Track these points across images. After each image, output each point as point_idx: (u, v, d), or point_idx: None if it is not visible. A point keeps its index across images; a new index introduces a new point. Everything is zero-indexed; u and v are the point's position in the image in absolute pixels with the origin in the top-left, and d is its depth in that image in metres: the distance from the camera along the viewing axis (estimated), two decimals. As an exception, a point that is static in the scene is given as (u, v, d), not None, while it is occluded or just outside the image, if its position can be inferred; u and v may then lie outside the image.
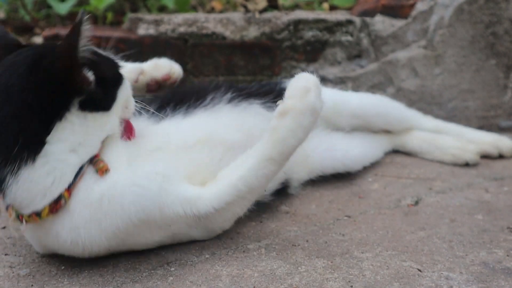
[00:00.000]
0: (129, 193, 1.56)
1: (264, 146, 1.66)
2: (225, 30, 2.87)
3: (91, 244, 1.58)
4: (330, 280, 1.59)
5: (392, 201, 2.11)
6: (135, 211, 1.57)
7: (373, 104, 2.44)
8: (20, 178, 1.47)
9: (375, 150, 2.46)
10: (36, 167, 1.48)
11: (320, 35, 2.82)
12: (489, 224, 1.91)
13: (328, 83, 2.84)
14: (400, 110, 2.54)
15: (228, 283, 1.59)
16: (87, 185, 1.54)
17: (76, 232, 1.56)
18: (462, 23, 2.71)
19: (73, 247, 1.59)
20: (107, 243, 1.60)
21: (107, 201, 1.54)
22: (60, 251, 1.65)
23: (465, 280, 1.58)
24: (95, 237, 1.57)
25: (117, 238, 1.61)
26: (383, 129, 2.51)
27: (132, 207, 1.56)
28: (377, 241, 1.81)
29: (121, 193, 1.55)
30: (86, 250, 1.60)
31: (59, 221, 1.56)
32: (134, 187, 1.57)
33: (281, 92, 1.73)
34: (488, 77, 2.76)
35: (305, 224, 1.94)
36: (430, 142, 2.52)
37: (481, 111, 2.80)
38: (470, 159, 2.43)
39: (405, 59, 2.77)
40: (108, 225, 1.56)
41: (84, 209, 1.54)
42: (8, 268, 1.71)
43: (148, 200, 1.58)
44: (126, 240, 1.64)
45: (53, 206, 1.52)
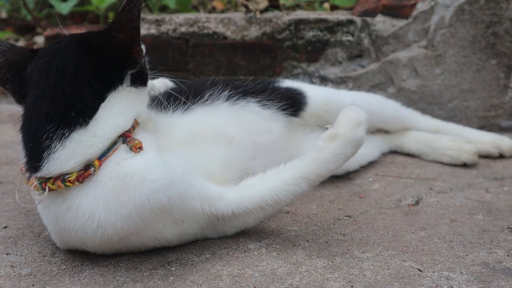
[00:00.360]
0: (154, 174, 1.58)
1: (304, 163, 1.73)
2: (226, 30, 2.87)
3: (105, 221, 1.57)
4: (330, 280, 1.59)
5: (393, 201, 2.11)
6: (156, 190, 1.57)
7: (366, 102, 2.44)
8: (70, 141, 1.55)
9: (371, 149, 2.46)
10: (88, 129, 1.56)
11: (321, 35, 2.82)
12: (489, 224, 1.91)
13: (329, 83, 2.84)
14: (395, 108, 2.54)
15: (228, 283, 1.59)
16: (119, 159, 1.59)
17: (96, 204, 1.56)
18: (462, 23, 2.71)
19: (89, 222, 1.57)
20: (120, 225, 1.58)
21: (131, 176, 1.57)
22: (74, 231, 1.61)
23: (465, 280, 1.58)
24: (111, 211, 1.56)
25: (130, 222, 1.58)
26: (378, 128, 2.52)
27: (154, 186, 1.57)
28: (377, 241, 1.81)
29: (147, 171, 1.58)
30: (99, 231, 1.58)
31: (83, 191, 1.57)
32: (160, 170, 1.59)
33: (274, 90, 1.93)
34: (489, 77, 2.76)
35: (306, 224, 1.94)
36: (426, 143, 2.52)
37: (482, 111, 2.80)
38: (467, 159, 2.43)
39: (405, 59, 2.77)
40: (126, 199, 1.56)
41: (109, 181, 1.57)
42: (9, 267, 1.71)
43: (170, 185, 1.60)
44: (138, 229, 1.62)
45: (82, 173, 1.56)
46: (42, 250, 1.80)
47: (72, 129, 1.54)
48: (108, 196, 1.56)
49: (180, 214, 1.67)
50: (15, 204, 2.12)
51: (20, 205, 1.88)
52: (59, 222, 1.63)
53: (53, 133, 1.54)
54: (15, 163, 2.52)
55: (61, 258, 1.75)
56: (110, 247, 1.68)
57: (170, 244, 1.75)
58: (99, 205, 1.56)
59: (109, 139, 1.59)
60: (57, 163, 1.55)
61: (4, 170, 2.46)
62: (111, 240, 1.63)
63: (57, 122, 1.54)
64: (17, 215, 2.03)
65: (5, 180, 2.36)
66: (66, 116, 1.54)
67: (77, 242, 1.65)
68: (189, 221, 1.71)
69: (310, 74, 2.86)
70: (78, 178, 1.56)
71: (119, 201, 1.56)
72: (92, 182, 1.57)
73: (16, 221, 2.00)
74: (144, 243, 1.70)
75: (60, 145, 1.54)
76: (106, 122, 1.59)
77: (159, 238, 1.70)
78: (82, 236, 1.61)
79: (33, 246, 1.83)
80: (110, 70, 1.61)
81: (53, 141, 1.54)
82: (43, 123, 1.55)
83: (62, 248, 1.78)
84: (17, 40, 3.66)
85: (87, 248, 1.69)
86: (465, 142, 2.48)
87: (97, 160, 1.57)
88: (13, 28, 3.81)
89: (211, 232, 1.81)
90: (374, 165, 2.46)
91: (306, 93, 2.24)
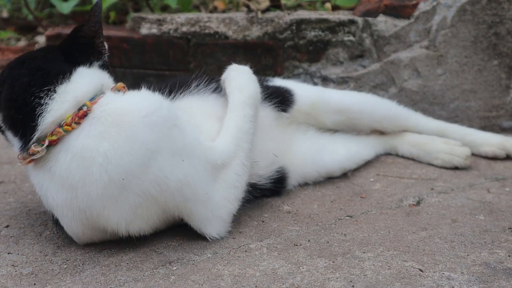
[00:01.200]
0: (150, 99, 1.77)
1: (233, 98, 2.00)
2: (227, 30, 2.87)
3: (109, 150, 1.62)
4: (331, 280, 1.59)
5: (394, 201, 2.11)
6: (154, 111, 1.70)
7: (357, 100, 2.45)
8: (56, 93, 1.70)
9: (365, 148, 2.46)
10: (71, 82, 1.73)
11: (322, 35, 2.82)
12: (490, 225, 1.91)
13: (330, 83, 2.84)
14: (389, 108, 2.53)
15: (230, 283, 1.59)
16: (109, 98, 1.74)
17: (100, 138, 1.64)
18: (464, 23, 2.71)
19: (95, 157, 1.63)
20: (126, 154, 1.63)
21: (129, 104, 1.73)
22: (81, 178, 1.64)
23: (466, 281, 1.58)
24: (117, 141, 1.63)
25: (134, 145, 1.64)
26: (372, 128, 2.51)
27: (152, 107, 1.71)
28: (378, 241, 1.81)
29: (143, 98, 1.77)
30: (104, 164, 1.62)
31: (85, 130, 1.67)
32: (154, 96, 1.79)
33: (263, 87, 2.13)
34: (490, 77, 2.76)
35: (307, 224, 1.94)
36: (419, 146, 2.50)
37: (483, 112, 2.80)
38: (458, 163, 2.42)
39: (407, 59, 2.77)
40: (128, 124, 1.66)
41: (108, 116, 1.68)
42: (11, 266, 1.71)
43: (166, 109, 1.74)
44: (141, 159, 1.65)
45: (76, 113, 1.67)
46: (43, 250, 1.81)
47: (55, 85, 1.70)
48: (110, 128, 1.65)
49: (176, 143, 1.72)
50: (17, 203, 2.13)
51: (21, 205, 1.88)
52: (65, 183, 1.66)
53: (39, 92, 1.68)
54: (16, 163, 2.52)
55: (63, 257, 1.76)
56: (113, 200, 1.66)
57: (170, 204, 1.74)
58: (104, 137, 1.64)
59: (93, 86, 1.75)
60: (51, 114, 1.67)
61: (5, 170, 2.46)
62: (113, 183, 1.63)
63: (41, 84, 1.70)
64: (18, 215, 2.04)
65: (6, 179, 2.36)
66: (47, 78, 1.71)
67: (83, 200, 1.66)
68: (187, 161, 1.73)
69: (311, 74, 2.86)
70: (73, 118, 1.66)
71: (120, 129, 1.65)
72: (90, 120, 1.68)
73: (17, 220, 2.00)
74: (145, 193, 1.67)
75: (49, 98, 1.68)
76: (87, 76, 1.77)
77: (160, 183, 1.68)
78: (87, 182, 1.64)
79: (34, 245, 1.83)
80: (79, 52, 1.80)
81: (41, 99, 1.68)
82: (27, 91, 1.69)
83: (74, 236, 1.78)
84: (19, 40, 3.67)
85: (90, 213, 1.67)
86: (459, 145, 2.47)
87: (88, 101, 1.70)
88: (15, 28, 3.81)
89: (210, 198, 1.80)
90: (375, 165, 2.46)
91: (293, 91, 2.29)
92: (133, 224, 1.72)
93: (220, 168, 1.84)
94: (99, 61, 1.84)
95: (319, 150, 2.29)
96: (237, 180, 1.87)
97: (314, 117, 2.33)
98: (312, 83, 2.85)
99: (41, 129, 1.66)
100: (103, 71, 1.85)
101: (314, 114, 2.32)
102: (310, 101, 2.31)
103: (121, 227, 1.71)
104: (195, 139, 1.80)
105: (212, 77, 2.15)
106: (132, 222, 1.72)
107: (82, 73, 1.76)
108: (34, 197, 2.15)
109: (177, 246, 1.79)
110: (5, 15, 3.90)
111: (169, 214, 1.78)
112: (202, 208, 1.78)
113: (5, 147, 2.72)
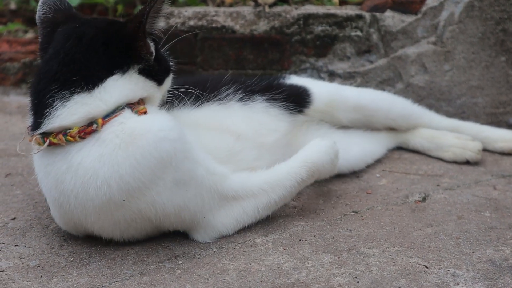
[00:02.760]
0: (162, 124, 1.66)
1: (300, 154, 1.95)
2: (235, 24, 2.87)
3: (111, 176, 1.58)
4: (337, 276, 1.60)
5: (400, 197, 2.11)
6: (163, 138, 1.63)
7: (374, 98, 2.44)
8: (71, 102, 1.61)
9: (377, 147, 2.45)
10: (92, 94, 1.63)
11: (329, 30, 2.82)
12: (496, 222, 1.91)
13: (337, 78, 2.84)
14: (404, 106, 2.53)
15: (235, 277, 1.60)
16: (123, 118, 1.65)
17: (101, 161, 1.59)
18: (472, 19, 2.71)
19: (92, 180, 1.59)
20: (127, 178, 1.59)
21: (139, 128, 1.63)
22: (74, 193, 1.62)
23: (471, 277, 1.58)
24: (119, 165, 1.58)
25: (137, 172, 1.60)
26: (387, 125, 2.50)
27: (161, 134, 1.63)
28: (384, 237, 1.81)
29: (154, 123, 1.66)
30: (103, 188, 1.59)
31: (85, 148, 1.60)
32: (167, 122, 1.68)
33: (280, 87, 2.11)
34: (498, 74, 2.75)
35: (313, 219, 1.94)
36: (431, 140, 2.50)
37: (490, 108, 2.79)
38: (471, 157, 2.42)
39: (414, 55, 2.77)
40: (134, 149, 1.59)
41: (116, 138, 1.61)
42: (17, 259, 1.72)
43: (176, 137, 1.66)
44: (141, 184, 1.61)
45: (84, 128, 1.60)
46: (50, 242, 1.82)
47: (73, 91, 1.61)
48: (115, 151, 1.60)
49: (184, 175, 1.68)
50: (24, 195, 2.14)
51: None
52: (58, 186, 1.64)
53: (56, 93, 1.62)
54: (23, 155, 2.52)
55: (69, 250, 1.77)
56: (109, 214, 1.64)
57: (165, 223, 1.73)
58: (105, 162, 1.59)
59: (114, 103, 1.65)
60: (58, 120, 1.61)
61: (13, 162, 2.47)
62: (112, 202, 1.61)
63: (61, 84, 1.62)
64: (25, 207, 2.05)
65: (14, 171, 2.37)
66: (69, 79, 1.62)
67: (76, 208, 1.64)
68: (192, 191, 1.70)
69: (318, 69, 2.86)
70: (80, 132, 1.60)
71: (127, 153, 1.60)
72: (95, 139, 1.61)
73: (24, 212, 2.01)
74: (141, 212, 1.66)
75: (61, 104, 1.61)
76: (113, 91, 1.65)
77: (156, 206, 1.66)
78: (83, 197, 1.61)
79: (41, 238, 1.84)
80: (120, 54, 1.68)
81: (55, 100, 1.61)
82: (49, 82, 1.63)
83: (60, 225, 1.80)
84: (26, 32, 3.67)
85: (84, 220, 1.67)
86: (470, 140, 2.47)
87: (100, 119, 1.62)
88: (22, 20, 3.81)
89: (208, 220, 1.79)
90: (381, 161, 2.46)
91: (310, 90, 2.26)
92: (127, 233, 1.74)
93: (230, 199, 1.81)
94: (140, 65, 1.70)
95: None
96: (242, 218, 1.84)
97: (330, 115, 2.30)
98: (318, 78, 2.84)
99: (45, 128, 1.62)
100: (142, 77, 1.71)
101: (331, 112, 2.29)
102: (327, 99, 2.28)
103: (115, 234, 1.74)
104: (206, 170, 1.75)
105: (239, 80, 2.13)
106: (126, 232, 1.73)
107: (110, 85, 1.65)
108: (41, 190, 2.16)
109: (183, 240, 1.80)
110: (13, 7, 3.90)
111: (164, 228, 1.79)
112: (197, 226, 1.79)
113: (13, 139, 2.73)
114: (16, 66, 3.32)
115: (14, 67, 3.33)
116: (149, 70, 1.73)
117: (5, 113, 3.14)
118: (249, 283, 1.57)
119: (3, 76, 3.35)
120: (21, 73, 3.32)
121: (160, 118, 1.69)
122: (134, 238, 1.78)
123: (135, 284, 1.58)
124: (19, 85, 3.33)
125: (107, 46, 1.66)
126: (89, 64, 1.64)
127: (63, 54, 1.65)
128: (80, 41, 1.66)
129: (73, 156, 1.61)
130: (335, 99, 2.31)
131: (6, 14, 3.88)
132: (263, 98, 2.12)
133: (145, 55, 1.71)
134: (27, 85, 3.31)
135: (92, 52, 1.65)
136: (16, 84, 3.33)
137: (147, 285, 1.58)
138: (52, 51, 1.68)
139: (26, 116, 1.76)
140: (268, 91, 2.14)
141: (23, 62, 3.31)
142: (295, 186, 1.88)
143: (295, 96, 2.20)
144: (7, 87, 3.35)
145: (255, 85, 2.15)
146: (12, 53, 3.37)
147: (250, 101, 2.08)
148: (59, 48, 1.66)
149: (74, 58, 1.64)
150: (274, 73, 2.86)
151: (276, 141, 2.09)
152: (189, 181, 1.69)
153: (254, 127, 2.05)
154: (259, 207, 1.84)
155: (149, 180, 1.62)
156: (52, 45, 1.70)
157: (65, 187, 1.62)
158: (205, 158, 1.77)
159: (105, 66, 1.66)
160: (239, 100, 2.06)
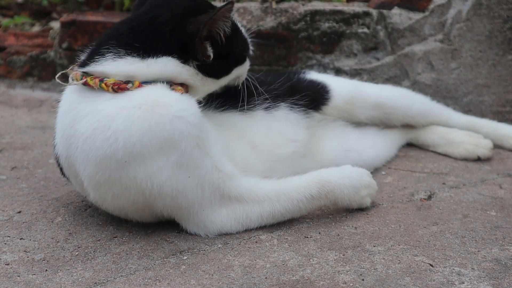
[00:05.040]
0: (186, 106, 1.70)
1: (320, 171, 1.90)
2: (241, 20, 2.87)
3: (122, 131, 1.62)
4: (341, 273, 1.60)
5: (405, 195, 2.11)
6: (181, 118, 1.66)
7: (393, 96, 2.41)
8: (122, 59, 1.72)
9: (389, 149, 2.42)
10: (144, 61, 1.73)
11: (336, 27, 2.81)
12: (502, 221, 1.91)
13: (344, 75, 2.83)
14: (423, 103, 2.51)
15: (240, 273, 1.60)
16: (157, 88, 1.71)
17: (120, 112, 1.64)
18: (480, 17, 2.70)
19: (104, 129, 1.63)
20: (135, 139, 1.62)
21: (165, 99, 1.68)
22: (83, 137, 1.66)
23: (476, 276, 1.58)
24: (133, 122, 1.62)
25: (146, 139, 1.62)
26: (405, 123, 2.47)
27: (180, 114, 1.67)
28: (389, 235, 1.81)
29: (180, 101, 1.70)
30: (110, 140, 1.62)
31: (112, 100, 1.67)
32: (193, 107, 1.72)
33: (300, 86, 2.13)
34: (505, 72, 2.74)
35: (318, 216, 1.94)
36: (442, 135, 2.49)
37: (497, 106, 2.78)
38: (483, 154, 2.41)
39: (421, 52, 2.76)
40: (151, 115, 1.63)
41: (141, 98, 1.67)
42: (23, 252, 1.73)
43: (194, 123, 1.68)
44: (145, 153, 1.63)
45: (120, 83, 1.69)
46: (55, 236, 1.82)
47: (129, 53, 1.72)
48: (135, 109, 1.64)
49: (189, 161, 1.68)
50: (29, 189, 2.14)
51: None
52: (74, 125, 1.69)
53: (112, 47, 1.73)
54: (29, 148, 2.53)
55: (74, 244, 1.77)
56: (106, 172, 1.66)
57: (159, 203, 1.72)
58: (122, 114, 1.64)
59: (157, 74, 1.73)
60: (102, 67, 1.72)
61: (18, 155, 2.47)
62: (114, 159, 1.64)
63: (121, 43, 1.74)
64: (31, 200, 2.05)
65: (19, 165, 2.37)
66: (131, 44, 1.73)
67: (80, 154, 1.68)
68: (194, 180, 1.70)
69: (324, 66, 2.86)
70: (115, 85, 1.68)
71: (145, 115, 1.64)
72: (123, 95, 1.68)
73: (30, 206, 2.01)
74: (136, 181, 1.66)
75: (111, 57, 1.72)
76: (162, 66, 1.73)
77: (154, 181, 1.66)
78: (89, 144, 1.65)
79: (46, 231, 1.85)
80: (181, 46, 1.76)
81: (109, 52, 1.72)
82: (112, 38, 1.76)
83: (61, 164, 1.82)
84: (33, 25, 3.67)
85: (83, 170, 1.69)
86: (481, 137, 2.46)
87: (137, 82, 1.70)
88: (29, 13, 3.81)
89: (207, 214, 1.78)
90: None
91: (329, 86, 2.24)
92: (118, 201, 1.74)
93: (233, 199, 1.79)
94: (197, 61, 1.78)
95: (346, 151, 2.24)
96: (245, 221, 1.82)
97: (348, 112, 2.28)
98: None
99: (88, 68, 1.73)
100: (195, 70, 1.79)
101: (350, 109, 2.27)
102: (347, 97, 2.25)
103: (106, 198, 1.75)
104: (214, 165, 1.74)
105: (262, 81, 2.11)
106: (117, 199, 1.73)
107: (162, 61, 1.74)
108: (46, 183, 2.17)
109: (188, 235, 1.80)
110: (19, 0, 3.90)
111: (157, 210, 1.77)
112: (195, 217, 1.78)
113: (19, 133, 2.74)
114: (23, 59, 3.32)
115: (20, 60, 3.33)
116: (205, 67, 1.80)
117: (11, 106, 3.14)
118: (254, 279, 1.57)
119: (9, 69, 3.35)
120: (28, 66, 3.32)
121: (187, 101, 1.72)
122: (123, 210, 1.79)
123: (140, 279, 1.58)
124: (25, 79, 3.33)
125: (173, 34, 1.75)
126: (153, 42, 1.74)
127: (136, 25, 1.77)
128: (154, 21, 1.77)
129: (99, 103, 1.67)
130: (355, 96, 2.29)
131: (13, 7, 3.88)
132: (285, 105, 2.11)
133: (201, 58, 1.78)
134: (33, 79, 3.31)
135: (160, 33, 1.75)
136: (22, 77, 3.34)
137: (151, 280, 1.58)
138: (131, 16, 1.87)
139: (32, 110, 1.78)
140: (292, 95, 2.13)
141: (30, 56, 3.31)
142: (302, 201, 1.82)
143: (314, 93, 2.18)
144: (14, 80, 3.35)
145: (279, 87, 2.12)
146: (18, 46, 3.37)
147: (274, 109, 2.08)
148: (136, 17, 1.82)
149: (143, 31, 1.76)
150: (280, 70, 2.86)
151: (293, 152, 2.06)
152: (193, 169, 1.70)
153: (273, 138, 2.04)
154: (263, 214, 1.82)
155: (154, 151, 1.64)
156: (134, 13, 1.91)
157: (79, 128, 1.68)
158: (218, 154, 1.76)
159: (166, 47, 1.74)
160: (264, 109, 2.06)
